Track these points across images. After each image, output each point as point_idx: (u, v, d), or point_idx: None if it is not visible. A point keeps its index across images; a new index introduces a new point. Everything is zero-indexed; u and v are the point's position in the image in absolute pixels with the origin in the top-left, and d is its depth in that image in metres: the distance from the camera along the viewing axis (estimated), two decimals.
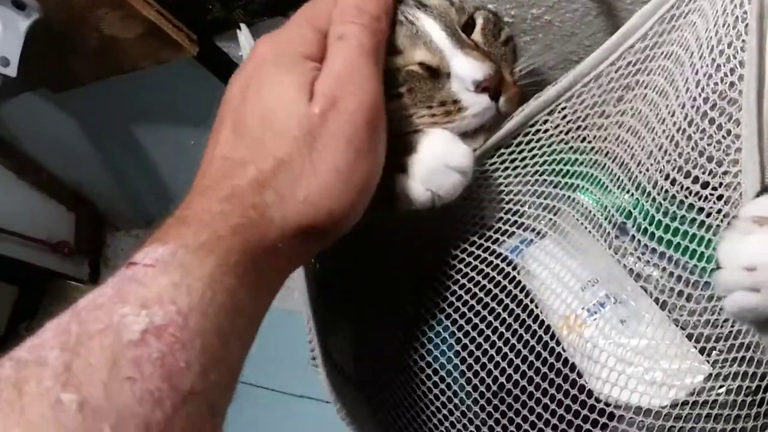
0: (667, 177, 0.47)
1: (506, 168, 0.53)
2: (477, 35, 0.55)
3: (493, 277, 0.53)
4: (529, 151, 0.52)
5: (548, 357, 0.50)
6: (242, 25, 0.73)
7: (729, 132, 0.45)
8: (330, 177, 0.41)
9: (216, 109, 0.46)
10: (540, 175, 0.52)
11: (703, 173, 0.45)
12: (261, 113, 0.43)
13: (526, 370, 0.51)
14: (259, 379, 1.48)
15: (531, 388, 0.50)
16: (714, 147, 0.45)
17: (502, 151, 0.53)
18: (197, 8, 0.79)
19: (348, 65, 0.44)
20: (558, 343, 0.50)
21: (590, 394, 0.49)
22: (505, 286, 0.52)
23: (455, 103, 0.51)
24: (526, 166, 0.53)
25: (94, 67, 1.03)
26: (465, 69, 0.50)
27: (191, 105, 1.12)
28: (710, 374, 0.46)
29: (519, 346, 0.51)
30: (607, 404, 0.48)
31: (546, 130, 0.51)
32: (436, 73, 0.52)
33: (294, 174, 0.40)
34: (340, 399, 0.58)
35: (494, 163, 0.54)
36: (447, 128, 0.51)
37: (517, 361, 0.51)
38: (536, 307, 0.51)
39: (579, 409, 0.49)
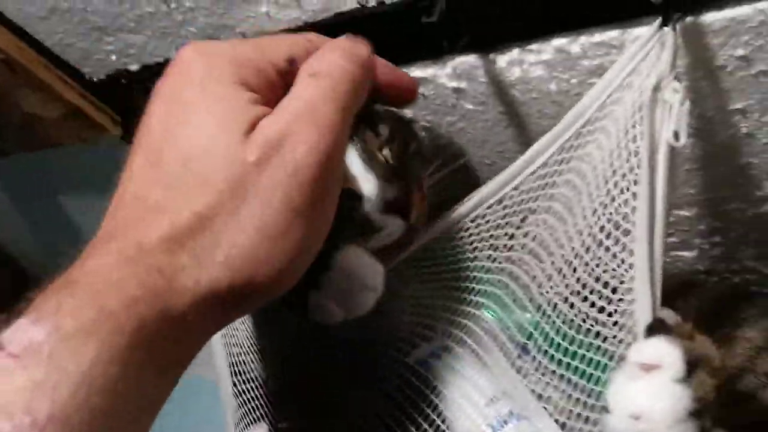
0: (565, 300, 0.48)
1: (416, 281, 0.54)
2: (385, 149, 0.56)
3: (402, 388, 0.53)
4: (437, 267, 0.53)
5: None
6: None
7: (623, 261, 0.47)
8: (257, 238, 0.34)
9: None
10: (448, 291, 0.53)
11: (600, 299, 0.47)
12: (183, 151, 0.35)
13: None
14: None
15: None
16: (609, 274, 0.47)
17: (414, 265, 0.54)
18: (122, 93, 0.79)
19: (311, 107, 0.36)
20: None
21: None
22: (412, 399, 0.53)
23: (369, 223, 0.51)
24: (434, 281, 0.54)
25: (18, 141, 1.01)
26: (374, 192, 0.49)
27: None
28: None
29: None
30: None
31: (453, 248, 0.53)
32: (352, 195, 0.50)
33: (215, 231, 0.34)
34: None
35: (405, 276, 0.55)
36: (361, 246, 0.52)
37: None
38: (443, 421, 0.52)
39: None
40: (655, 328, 0.43)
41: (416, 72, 0.63)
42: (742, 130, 0.55)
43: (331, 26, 0.59)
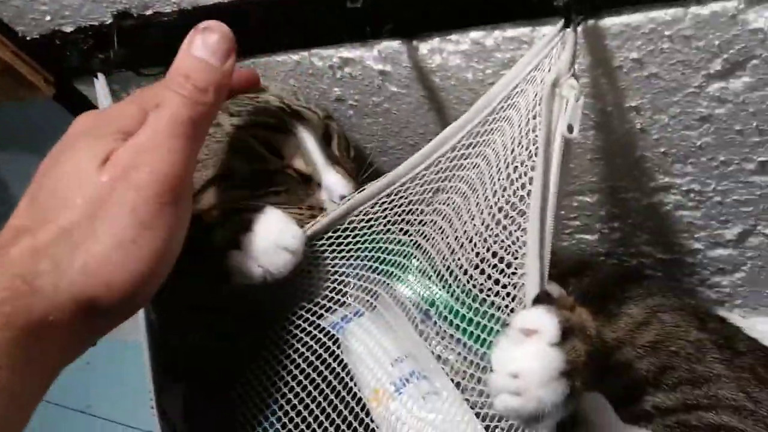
0: (465, 272, 0.53)
1: (333, 251, 0.58)
2: (335, 149, 0.62)
3: (315, 350, 0.57)
4: (353, 237, 0.57)
5: (358, 428, 0.55)
6: (99, 75, 0.75)
7: (518, 239, 0.51)
8: (110, 247, 0.39)
9: None
10: (362, 260, 0.57)
11: (495, 271, 0.51)
12: (54, 183, 0.41)
13: None
14: (109, 413, 1.45)
15: None
16: (504, 250, 0.52)
17: (330, 234, 0.58)
18: (56, 53, 0.80)
19: (152, 136, 0.42)
20: (368, 414, 0.55)
21: None
22: (325, 359, 0.56)
23: (321, 210, 0.59)
24: (350, 250, 0.57)
25: None
26: (335, 185, 0.60)
27: (52, 139, 1.10)
28: None
29: (333, 416, 0.55)
30: None
31: (368, 220, 0.57)
32: (308, 180, 0.60)
33: (74, 242, 0.38)
34: None
35: (323, 245, 0.58)
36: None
37: (331, 429, 0.55)
38: (351, 380, 0.56)
39: None
40: (541, 299, 0.48)
41: (344, 53, 0.66)
42: (637, 125, 0.61)
43: (265, 5, 0.62)
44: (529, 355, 0.42)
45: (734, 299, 0.82)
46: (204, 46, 0.46)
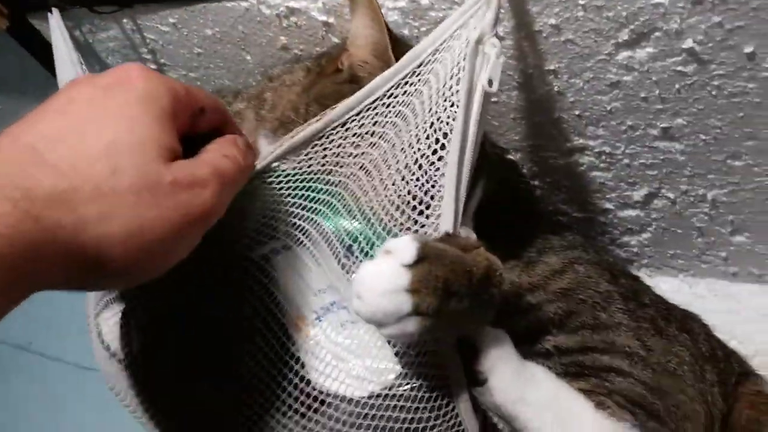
0: (387, 212, 0.57)
1: (266, 189, 0.62)
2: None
3: (244, 279, 0.61)
4: (285, 177, 0.61)
5: (280, 351, 0.59)
6: (54, 10, 0.76)
7: (436, 182, 0.56)
8: (133, 230, 0.40)
9: (29, 80, 0.45)
10: (293, 198, 0.61)
11: (414, 212, 0.56)
12: (105, 135, 0.40)
13: (261, 359, 0.59)
14: (47, 348, 1.46)
15: (263, 374, 0.59)
16: (424, 193, 0.56)
17: (264, 174, 0.61)
18: None
19: (218, 176, 0.45)
20: (290, 339, 0.59)
21: (309, 383, 0.58)
22: (253, 288, 0.61)
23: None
24: (282, 189, 0.61)
25: None
26: None
27: (3, 72, 1.10)
28: (400, 373, 0.57)
29: (258, 339, 0.60)
30: (321, 392, 0.58)
31: (300, 162, 0.60)
32: None
33: (106, 204, 0.39)
34: (106, 374, 0.64)
35: (258, 184, 0.62)
36: None
37: (254, 351, 0.60)
38: (276, 306, 0.60)
39: (298, 394, 0.58)
40: (443, 238, 0.53)
41: (291, 2, 0.69)
42: (555, 88, 0.65)
43: None
44: (376, 268, 0.47)
45: (641, 259, 0.88)
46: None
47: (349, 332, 0.58)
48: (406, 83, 0.58)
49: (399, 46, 0.64)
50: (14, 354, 1.48)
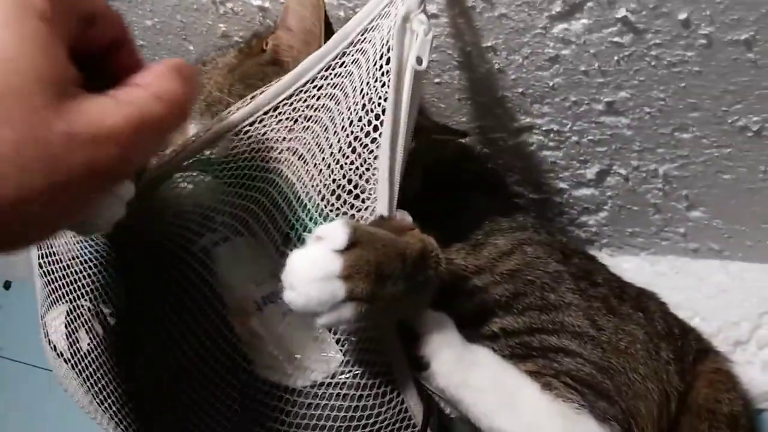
0: (323, 197, 0.56)
1: (201, 180, 0.60)
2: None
3: (185, 272, 0.60)
4: (219, 165, 0.59)
5: (222, 344, 0.58)
6: None
7: (371, 166, 0.55)
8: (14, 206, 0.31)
9: None
10: (229, 187, 0.60)
11: (350, 197, 0.55)
12: None
13: (203, 353, 0.58)
14: (21, 355, 1.45)
15: (206, 369, 0.58)
16: (359, 177, 0.55)
17: (200, 165, 0.60)
18: None
19: (130, 125, 0.34)
20: (231, 330, 0.58)
21: (254, 375, 0.57)
22: (194, 282, 0.59)
23: None
24: (217, 178, 0.59)
25: None
26: None
27: None
28: (342, 361, 0.56)
29: (199, 333, 0.58)
30: (264, 383, 0.57)
31: (233, 148, 0.59)
32: None
33: None
34: (57, 375, 0.63)
35: (193, 175, 0.60)
36: None
37: (197, 345, 0.58)
38: (217, 299, 0.59)
39: (242, 387, 0.57)
40: (376, 222, 0.52)
41: None
42: (495, 65, 0.64)
43: None
44: (307, 255, 0.46)
45: (601, 238, 0.88)
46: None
47: (290, 322, 0.57)
48: (337, 65, 0.56)
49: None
50: None
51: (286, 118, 0.58)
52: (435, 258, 0.52)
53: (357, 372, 0.56)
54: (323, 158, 0.56)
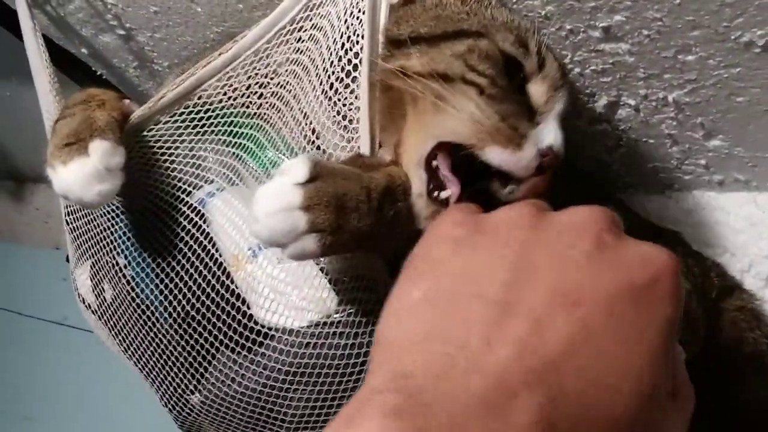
0: (309, 140, 0.57)
1: (189, 130, 0.61)
2: None
3: (183, 224, 0.61)
4: (205, 113, 0.60)
5: (221, 290, 0.59)
6: None
7: (352, 104, 0.55)
8: None
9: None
10: (217, 135, 0.61)
11: (333, 137, 0.55)
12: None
13: (205, 299, 0.60)
14: (85, 323, 1.52)
15: (209, 314, 0.60)
16: (341, 116, 0.55)
17: (182, 112, 0.60)
18: None
19: None
20: (228, 276, 0.60)
21: (251, 318, 0.58)
22: (190, 231, 0.61)
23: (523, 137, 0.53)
24: (204, 126, 0.61)
25: None
26: (552, 136, 0.53)
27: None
28: (338, 300, 0.57)
29: (200, 280, 0.60)
30: (263, 326, 0.58)
31: (216, 95, 0.60)
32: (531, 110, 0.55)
33: None
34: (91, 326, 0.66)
35: (178, 125, 0.61)
36: None
37: (198, 292, 0.60)
38: (212, 246, 0.60)
39: (242, 330, 0.58)
40: (350, 159, 0.52)
41: None
42: None
43: None
44: (268, 189, 0.46)
45: (623, 178, 0.85)
46: None
47: (285, 266, 0.58)
48: (314, 5, 0.56)
49: None
50: (50, 329, 1.53)
51: (268, 63, 0.58)
52: (402, 191, 0.52)
53: (351, 310, 0.56)
54: (308, 101, 0.57)
